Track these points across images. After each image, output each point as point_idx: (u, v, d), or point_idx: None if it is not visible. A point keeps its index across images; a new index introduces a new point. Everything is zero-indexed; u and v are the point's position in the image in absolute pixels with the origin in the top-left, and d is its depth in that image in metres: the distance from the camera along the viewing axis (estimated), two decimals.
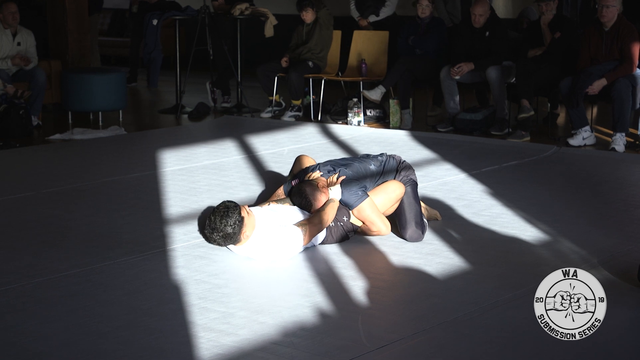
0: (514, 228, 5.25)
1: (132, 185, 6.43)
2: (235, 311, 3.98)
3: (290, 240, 4.65)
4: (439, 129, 8.61)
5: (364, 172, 5.13)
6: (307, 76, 9.48)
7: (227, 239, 4.63)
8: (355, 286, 4.30)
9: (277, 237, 4.64)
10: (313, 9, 9.50)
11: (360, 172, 5.13)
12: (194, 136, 8.53)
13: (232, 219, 4.57)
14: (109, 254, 4.77)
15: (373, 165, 5.20)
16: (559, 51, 8.19)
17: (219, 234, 4.61)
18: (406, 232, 4.99)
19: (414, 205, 5.05)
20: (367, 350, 3.58)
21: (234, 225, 4.57)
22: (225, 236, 4.61)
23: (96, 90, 9.16)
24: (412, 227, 4.97)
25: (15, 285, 4.33)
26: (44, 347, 3.64)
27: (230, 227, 4.57)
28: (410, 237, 4.97)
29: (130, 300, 4.15)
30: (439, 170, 6.82)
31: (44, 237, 5.13)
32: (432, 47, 8.99)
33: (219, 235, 4.61)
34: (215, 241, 4.67)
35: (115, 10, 14.70)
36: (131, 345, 3.65)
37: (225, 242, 4.66)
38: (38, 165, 7.29)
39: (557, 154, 7.47)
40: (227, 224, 4.57)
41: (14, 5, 8.88)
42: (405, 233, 4.99)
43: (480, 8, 8.52)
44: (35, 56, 9.08)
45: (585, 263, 4.58)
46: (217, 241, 4.66)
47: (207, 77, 10.36)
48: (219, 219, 4.58)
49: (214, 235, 4.63)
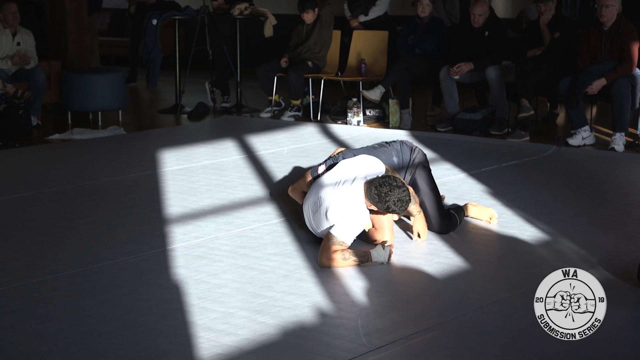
0: (514, 228, 5.25)
1: (132, 185, 6.43)
2: (235, 311, 3.98)
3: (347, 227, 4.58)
4: (439, 129, 8.61)
5: (391, 166, 5.11)
6: (307, 76, 9.48)
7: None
8: (355, 286, 4.30)
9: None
10: (314, 10, 9.50)
11: (390, 165, 5.10)
12: (194, 136, 8.53)
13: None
14: (108, 254, 4.77)
15: (395, 157, 5.19)
16: (558, 51, 8.19)
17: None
18: (432, 226, 5.07)
19: (430, 196, 5.11)
20: (366, 350, 3.58)
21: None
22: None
23: (96, 90, 9.16)
24: (435, 220, 5.05)
25: (15, 285, 4.33)
26: (43, 347, 3.64)
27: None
28: (440, 230, 5.07)
29: (129, 300, 4.15)
30: (438, 170, 6.81)
31: (43, 237, 5.13)
32: (432, 46, 8.99)
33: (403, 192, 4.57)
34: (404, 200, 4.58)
35: (114, 10, 14.70)
36: (130, 345, 3.65)
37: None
38: (37, 165, 7.29)
39: (556, 153, 7.47)
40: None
41: (14, 5, 8.88)
42: (432, 227, 5.07)
43: (480, 8, 8.52)
44: (35, 56, 9.07)
45: (585, 263, 4.58)
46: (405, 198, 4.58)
47: (206, 77, 10.36)
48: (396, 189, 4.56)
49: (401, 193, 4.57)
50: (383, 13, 9.89)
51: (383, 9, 9.88)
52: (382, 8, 9.85)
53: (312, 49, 9.50)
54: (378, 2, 9.80)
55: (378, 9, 9.83)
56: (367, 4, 9.81)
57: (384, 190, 4.52)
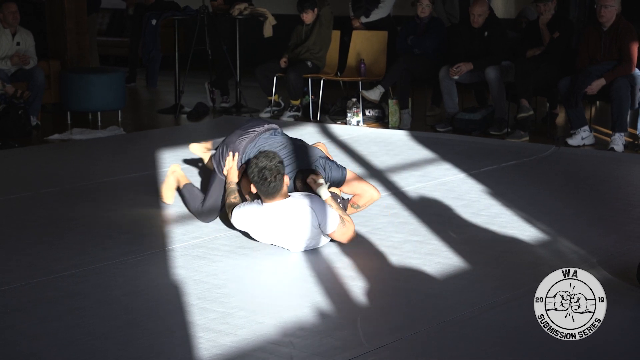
0: (513, 228, 5.25)
1: (131, 185, 6.42)
2: (234, 311, 3.98)
3: (331, 216, 4.71)
4: (438, 129, 8.61)
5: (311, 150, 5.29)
6: (306, 76, 9.48)
7: (277, 174, 4.68)
8: (355, 286, 4.30)
9: (319, 209, 4.70)
10: (313, 11, 9.50)
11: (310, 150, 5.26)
12: (193, 136, 8.51)
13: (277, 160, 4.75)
14: (108, 254, 4.77)
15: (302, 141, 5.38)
16: (557, 51, 8.19)
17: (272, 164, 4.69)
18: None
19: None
20: (366, 350, 3.58)
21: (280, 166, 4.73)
22: (276, 170, 4.69)
23: (95, 90, 9.16)
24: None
25: (15, 285, 4.33)
26: (42, 347, 3.64)
27: (279, 164, 4.72)
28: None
29: (129, 301, 4.15)
30: (437, 170, 6.82)
31: (42, 237, 5.13)
32: (431, 47, 8.99)
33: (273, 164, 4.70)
34: (271, 171, 4.68)
35: (114, 10, 14.69)
36: (130, 345, 3.65)
37: (275, 178, 4.67)
38: (37, 166, 7.29)
39: (556, 153, 7.47)
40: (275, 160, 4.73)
41: (14, 5, 8.88)
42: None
43: (479, 8, 8.52)
44: (35, 56, 9.07)
45: (585, 263, 4.58)
46: (273, 170, 4.68)
47: (206, 77, 10.36)
48: (266, 159, 4.71)
49: (269, 165, 4.69)
50: (386, 15, 9.88)
51: (386, 11, 9.86)
52: (384, 10, 9.85)
53: (311, 49, 9.50)
54: (381, 4, 9.79)
55: (380, 11, 9.82)
56: (368, 5, 9.80)
57: (253, 160, 4.80)
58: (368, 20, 9.81)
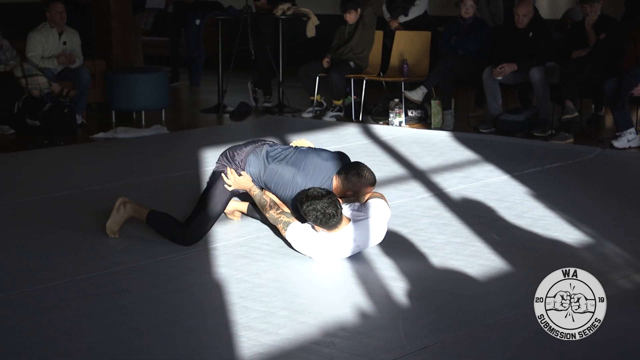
0: (557, 230, 5.20)
1: (175, 183, 6.48)
2: (276, 310, 3.99)
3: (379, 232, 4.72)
4: (481, 130, 8.55)
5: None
6: (349, 76, 9.47)
7: (336, 208, 4.54)
8: (396, 287, 4.29)
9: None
10: (357, 11, 9.49)
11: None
12: (236, 135, 8.55)
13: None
14: (151, 252, 4.81)
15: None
16: (603, 52, 8.10)
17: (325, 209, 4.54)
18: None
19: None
20: (407, 351, 3.57)
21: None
22: (332, 203, 4.54)
23: (139, 90, 9.24)
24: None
25: (59, 282, 4.38)
26: (85, 344, 3.68)
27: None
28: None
29: (171, 298, 4.18)
30: (480, 171, 6.78)
31: (87, 235, 5.18)
32: (475, 47, 8.94)
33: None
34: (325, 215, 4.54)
35: (158, 10, 14.80)
36: (172, 343, 3.67)
37: (337, 211, 4.54)
38: (82, 164, 7.37)
39: (601, 156, 7.39)
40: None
41: (61, 5, 9.00)
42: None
43: (524, 8, 8.45)
44: (81, 55, 9.18)
45: (630, 267, 4.52)
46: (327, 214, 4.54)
47: (248, 77, 10.40)
48: (316, 200, 4.54)
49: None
50: (422, 12, 9.85)
51: (422, 8, 9.83)
52: (421, 7, 9.81)
53: (354, 49, 9.49)
54: (417, 1, 9.76)
55: (417, 8, 9.78)
56: (405, 4, 9.77)
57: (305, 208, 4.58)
58: (407, 19, 9.77)
